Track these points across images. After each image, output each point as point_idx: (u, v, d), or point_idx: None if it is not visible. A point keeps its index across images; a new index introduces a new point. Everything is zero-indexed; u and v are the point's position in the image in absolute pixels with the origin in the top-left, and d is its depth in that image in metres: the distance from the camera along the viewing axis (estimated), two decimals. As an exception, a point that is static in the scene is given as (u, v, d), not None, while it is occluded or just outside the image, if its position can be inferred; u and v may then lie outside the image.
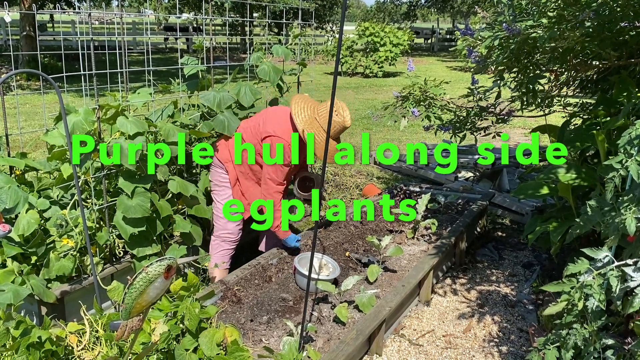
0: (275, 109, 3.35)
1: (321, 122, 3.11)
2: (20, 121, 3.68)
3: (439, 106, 3.57)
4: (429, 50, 30.35)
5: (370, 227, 3.86)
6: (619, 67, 3.03)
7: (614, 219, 1.77)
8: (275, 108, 3.40)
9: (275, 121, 3.18)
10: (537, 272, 3.71)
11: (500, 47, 2.76)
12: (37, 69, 2.00)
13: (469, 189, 4.82)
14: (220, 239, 3.37)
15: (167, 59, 18.54)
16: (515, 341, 2.95)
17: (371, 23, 17.60)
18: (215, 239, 3.39)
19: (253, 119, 3.37)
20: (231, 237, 3.37)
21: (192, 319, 2.11)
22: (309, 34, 6.32)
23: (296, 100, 3.20)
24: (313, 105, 3.19)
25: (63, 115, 2.09)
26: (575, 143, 3.01)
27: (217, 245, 3.37)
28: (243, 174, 3.31)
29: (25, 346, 1.90)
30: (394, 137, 8.11)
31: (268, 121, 3.20)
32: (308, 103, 3.21)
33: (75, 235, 2.78)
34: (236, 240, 3.40)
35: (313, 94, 3.88)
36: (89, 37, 2.71)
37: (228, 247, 3.39)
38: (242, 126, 3.34)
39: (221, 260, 3.35)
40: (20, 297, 2.41)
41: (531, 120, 8.12)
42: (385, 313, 2.68)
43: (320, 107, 3.15)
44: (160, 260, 1.44)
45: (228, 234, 3.35)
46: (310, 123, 3.10)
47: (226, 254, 3.39)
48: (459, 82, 13.74)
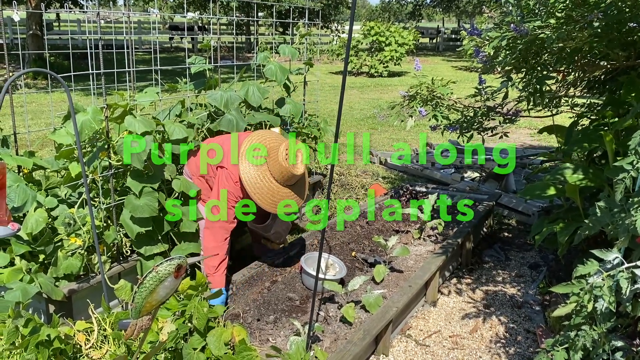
0: (239, 137, 3.06)
1: (271, 167, 2.83)
2: (27, 120, 3.69)
3: (446, 106, 3.56)
4: (434, 50, 30.30)
5: (376, 227, 3.86)
6: (627, 67, 3.02)
7: (623, 221, 1.76)
8: (241, 136, 3.09)
9: (228, 154, 2.95)
10: (543, 273, 3.70)
11: (507, 47, 2.75)
12: (44, 68, 2.00)
13: (476, 190, 4.81)
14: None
15: (172, 58, 18.58)
16: (522, 342, 2.94)
17: (376, 22, 17.58)
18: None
19: (220, 139, 3.14)
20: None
21: (200, 318, 2.11)
22: (314, 34, 6.32)
23: (255, 136, 2.95)
24: (272, 145, 2.89)
25: (72, 114, 2.10)
26: (582, 144, 3.00)
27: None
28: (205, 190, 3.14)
29: (35, 344, 1.91)
30: (399, 137, 8.10)
31: (226, 149, 2.98)
32: (267, 141, 2.93)
33: (83, 234, 2.79)
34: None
35: (318, 94, 3.88)
36: (97, 36, 2.72)
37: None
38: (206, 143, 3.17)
39: None
40: (29, 295, 2.42)
41: (537, 121, 8.10)
42: (392, 313, 2.68)
43: (274, 150, 2.84)
44: (171, 260, 1.44)
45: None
46: (256, 165, 2.84)
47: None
48: (464, 82, 13.72)
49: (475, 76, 15.25)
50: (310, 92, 4.93)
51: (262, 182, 2.83)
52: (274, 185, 2.84)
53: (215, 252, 2.87)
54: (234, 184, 2.88)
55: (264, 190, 2.83)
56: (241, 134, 3.17)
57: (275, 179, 2.84)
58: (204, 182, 3.13)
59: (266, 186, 2.83)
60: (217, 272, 2.85)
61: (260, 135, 2.98)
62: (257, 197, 2.82)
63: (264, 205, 2.86)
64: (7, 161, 2.76)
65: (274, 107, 3.98)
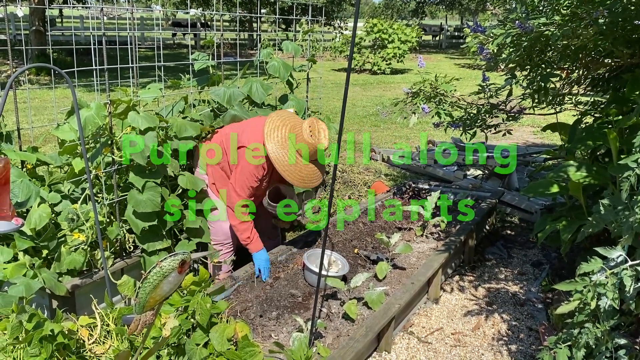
0: (257, 121, 3.17)
1: (297, 145, 2.93)
2: (30, 116, 3.70)
3: (449, 103, 3.55)
4: (436, 47, 30.25)
5: (378, 225, 3.86)
6: (631, 65, 3.01)
7: (627, 218, 1.76)
8: (258, 120, 3.20)
9: (252, 133, 3.05)
10: (546, 270, 3.70)
11: (512, 44, 2.75)
12: (47, 64, 2.00)
13: (478, 187, 4.81)
14: (218, 243, 3.30)
15: (175, 55, 18.58)
16: (524, 340, 2.94)
17: (379, 20, 17.55)
18: (214, 242, 3.31)
19: (235, 126, 3.25)
20: (228, 240, 3.30)
21: (203, 314, 2.11)
22: (317, 31, 6.30)
23: (274, 116, 3.05)
24: (292, 124, 3.00)
25: (76, 110, 2.10)
26: (586, 141, 2.99)
27: (218, 248, 3.31)
28: (221, 178, 3.23)
29: (38, 339, 1.91)
30: (401, 134, 8.09)
31: (245, 132, 3.09)
32: (286, 121, 3.02)
33: (86, 229, 2.80)
34: (231, 242, 3.33)
35: (321, 91, 3.88)
36: (101, 32, 2.72)
37: (227, 251, 3.33)
38: (226, 131, 3.24)
39: (223, 261, 3.30)
40: (32, 291, 2.43)
41: (540, 119, 8.08)
42: (394, 310, 2.68)
43: (297, 127, 2.95)
44: (175, 255, 1.44)
45: (224, 238, 3.29)
46: (282, 144, 2.94)
47: (228, 258, 3.31)
48: (467, 79, 13.69)
49: (477, 74, 15.22)
50: (313, 89, 4.92)
51: (291, 160, 2.95)
52: (300, 162, 2.95)
53: (243, 227, 3.04)
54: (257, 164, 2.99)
55: (291, 167, 2.94)
56: (258, 118, 3.28)
57: (302, 155, 2.95)
58: (221, 172, 3.21)
59: (294, 164, 2.94)
60: (252, 240, 3.05)
61: (279, 115, 3.07)
62: (287, 174, 2.94)
63: (293, 182, 2.98)
64: (10, 157, 2.77)
65: (277, 103, 3.97)
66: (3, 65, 13.59)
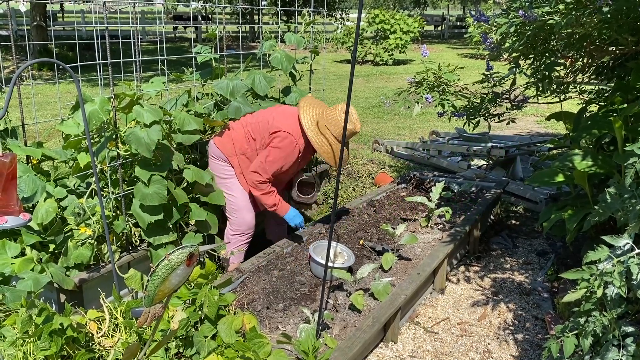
0: (284, 109, 3.35)
1: (330, 126, 3.13)
2: (34, 111, 3.70)
3: (453, 92, 3.55)
4: (439, 37, 30.11)
5: (383, 216, 3.86)
6: (636, 53, 2.99)
7: (634, 206, 1.76)
8: (284, 107, 3.39)
9: (285, 119, 3.20)
10: (551, 260, 3.70)
11: (515, 33, 2.73)
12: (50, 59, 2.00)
13: (483, 177, 4.80)
14: (239, 233, 3.37)
15: (176, 48, 18.53)
16: (530, 329, 2.95)
17: (381, 10, 17.47)
18: (233, 232, 3.38)
19: (260, 114, 3.34)
20: (249, 230, 3.38)
21: (211, 306, 2.13)
22: (319, 22, 6.27)
23: (304, 103, 3.22)
24: (321, 109, 3.20)
25: (81, 104, 2.10)
26: (591, 130, 2.98)
27: (234, 238, 3.37)
28: (247, 167, 3.29)
29: (48, 333, 1.93)
30: (405, 125, 8.08)
31: (278, 119, 3.21)
32: (315, 106, 3.22)
33: (93, 223, 2.81)
34: (253, 232, 3.42)
35: (324, 83, 3.87)
36: (103, 27, 2.72)
37: (245, 240, 3.40)
38: (249, 121, 3.31)
39: (237, 250, 3.36)
40: (40, 285, 2.44)
41: (544, 108, 8.06)
42: (400, 301, 2.69)
43: (329, 111, 3.17)
44: (182, 248, 1.45)
45: (247, 228, 3.36)
46: (320, 131, 3.14)
47: (243, 246, 3.40)
48: (470, 69, 13.62)
49: (480, 63, 15.16)
50: (316, 80, 4.91)
51: (330, 144, 3.16)
52: (338, 146, 3.14)
53: (267, 196, 3.21)
54: (293, 147, 3.16)
55: (330, 151, 3.16)
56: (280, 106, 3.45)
57: (338, 140, 3.15)
58: (247, 161, 3.30)
59: (333, 148, 3.16)
60: (278, 205, 3.25)
61: (307, 102, 3.24)
62: (327, 157, 3.19)
63: (333, 164, 3.25)
64: (16, 152, 2.78)
65: (280, 95, 3.97)
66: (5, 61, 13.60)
